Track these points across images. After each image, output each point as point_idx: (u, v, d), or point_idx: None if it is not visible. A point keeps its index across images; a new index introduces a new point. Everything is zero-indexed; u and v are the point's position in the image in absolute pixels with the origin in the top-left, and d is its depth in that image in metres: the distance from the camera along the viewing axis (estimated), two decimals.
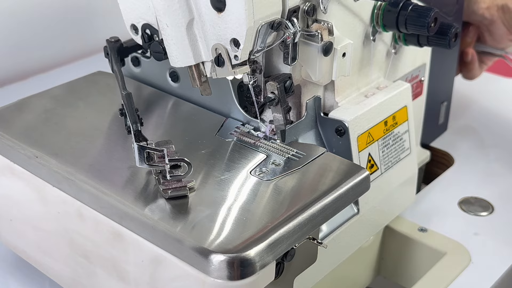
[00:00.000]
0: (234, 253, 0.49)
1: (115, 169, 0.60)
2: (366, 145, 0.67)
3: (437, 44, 0.71)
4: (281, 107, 0.61)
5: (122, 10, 0.64)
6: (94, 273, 0.62)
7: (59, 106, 0.70)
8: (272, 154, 0.62)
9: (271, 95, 0.61)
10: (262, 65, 0.63)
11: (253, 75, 0.60)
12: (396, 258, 0.79)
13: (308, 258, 0.60)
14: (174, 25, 0.58)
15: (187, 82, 0.67)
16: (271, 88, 0.61)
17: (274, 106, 0.61)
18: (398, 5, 0.67)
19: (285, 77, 0.62)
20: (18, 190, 0.66)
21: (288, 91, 0.61)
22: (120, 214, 0.56)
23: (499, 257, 0.73)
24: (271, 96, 0.61)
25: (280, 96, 0.61)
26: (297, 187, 0.58)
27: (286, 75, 0.62)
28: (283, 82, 0.61)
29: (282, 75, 0.62)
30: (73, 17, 1.15)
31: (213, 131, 0.66)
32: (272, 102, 0.61)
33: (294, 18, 0.59)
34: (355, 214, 0.67)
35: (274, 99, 0.61)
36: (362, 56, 0.69)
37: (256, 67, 0.59)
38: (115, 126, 0.66)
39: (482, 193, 0.83)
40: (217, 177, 0.59)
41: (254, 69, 0.59)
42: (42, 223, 0.65)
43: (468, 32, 0.92)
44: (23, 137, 0.65)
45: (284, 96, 0.61)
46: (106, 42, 0.71)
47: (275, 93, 0.61)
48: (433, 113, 0.90)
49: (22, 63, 1.11)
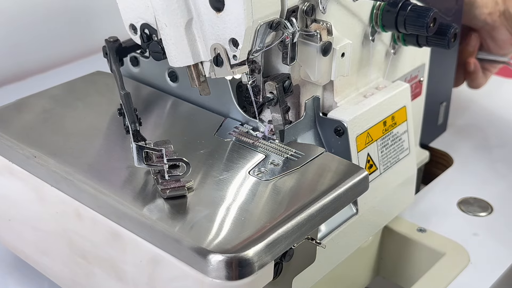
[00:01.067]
0: (232, 253, 0.49)
1: (113, 169, 0.60)
2: (365, 145, 0.67)
3: (436, 44, 0.71)
4: (280, 107, 0.61)
5: (121, 9, 0.64)
6: (93, 273, 0.62)
7: (58, 106, 0.70)
8: (271, 154, 0.62)
9: (270, 95, 0.61)
10: (261, 65, 0.63)
11: (252, 75, 0.60)
12: (395, 259, 0.79)
13: (307, 258, 0.60)
14: (172, 25, 0.58)
15: (186, 82, 0.67)
16: (269, 88, 0.61)
17: (273, 106, 0.61)
18: (397, 5, 0.67)
19: (284, 77, 0.62)
20: (16, 190, 0.66)
21: (287, 91, 0.61)
22: (118, 214, 0.56)
23: (498, 258, 0.73)
24: (270, 96, 0.61)
25: (279, 96, 0.61)
26: (296, 187, 0.58)
27: (285, 75, 0.62)
28: (282, 82, 0.61)
29: (281, 75, 0.62)
30: (72, 17, 1.15)
31: (211, 131, 0.65)
32: (271, 102, 0.61)
33: (293, 18, 0.59)
34: (354, 214, 0.67)
35: (273, 99, 0.61)
36: (361, 56, 0.69)
37: (255, 67, 0.59)
38: (114, 126, 0.66)
39: (481, 193, 0.83)
40: (216, 177, 0.59)
41: (253, 69, 0.59)
42: (40, 223, 0.65)
43: (470, 41, 0.91)
44: (21, 137, 0.65)
45: (283, 96, 0.61)
46: (105, 42, 0.70)
47: (274, 93, 0.61)
48: (432, 113, 0.90)
49: (20, 63, 1.11)
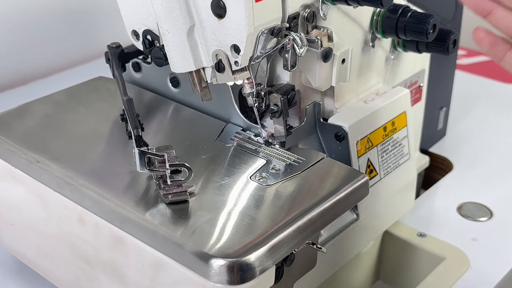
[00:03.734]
0: (234, 257, 0.50)
1: (116, 174, 0.60)
2: (365, 151, 0.67)
3: (436, 50, 0.71)
4: (283, 119, 0.61)
5: (123, 16, 0.64)
6: (95, 278, 0.62)
7: (61, 111, 0.71)
8: (272, 159, 0.62)
9: (274, 107, 0.61)
10: (266, 74, 0.63)
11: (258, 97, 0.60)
12: (395, 263, 0.79)
13: (308, 263, 0.60)
14: (175, 31, 0.59)
15: (187, 88, 0.68)
16: (274, 100, 0.61)
17: (276, 118, 0.61)
18: (397, 11, 0.67)
19: (288, 88, 0.62)
20: (19, 195, 0.66)
21: (291, 102, 0.62)
22: (121, 219, 0.56)
23: (498, 262, 0.73)
24: (274, 108, 0.61)
25: (283, 108, 0.61)
26: (297, 192, 0.58)
27: (289, 87, 0.62)
28: (286, 94, 0.61)
29: (285, 86, 0.62)
30: (74, 22, 1.15)
31: (213, 136, 0.66)
32: (274, 114, 0.61)
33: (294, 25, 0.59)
34: (354, 219, 0.67)
35: (277, 111, 0.61)
36: (362, 62, 0.70)
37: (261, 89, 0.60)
38: (116, 131, 0.67)
39: (481, 198, 0.83)
40: (217, 182, 0.59)
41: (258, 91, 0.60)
42: (43, 227, 0.65)
43: None
44: (24, 142, 0.65)
45: (287, 109, 0.61)
46: (108, 48, 0.71)
47: (278, 105, 0.61)
48: (432, 118, 0.91)
49: (23, 68, 1.11)
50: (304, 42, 0.58)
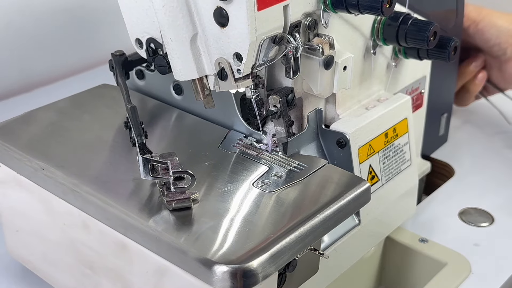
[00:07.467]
0: (237, 264, 0.50)
1: (120, 181, 0.61)
2: (367, 157, 0.68)
3: (437, 57, 0.72)
4: (283, 120, 0.62)
5: (127, 24, 0.65)
6: (99, 284, 0.62)
7: (65, 118, 0.71)
8: (274, 166, 0.63)
9: (273, 108, 0.62)
10: (265, 79, 0.64)
11: (256, 89, 0.61)
12: (397, 269, 0.79)
13: (310, 269, 0.60)
14: (178, 39, 0.59)
15: (190, 95, 0.68)
16: (273, 101, 0.62)
17: (276, 119, 0.62)
18: (398, 19, 0.68)
19: (287, 90, 0.62)
20: (24, 202, 0.67)
21: (290, 104, 0.62)
22: (125, 226, 0.56)
23: (500, 268, 0.73)
24: (273, 110, 0.62)
25: (282, 109, 0.61)
26: (299, 198, 0.58)
27: (288, 89, 0.63)
28: (285, 96, 0.62)
29: (284, 89, 0.63)
30: (78, 29, 1.16)
31: (216, 143, 0.66)
32: (274, 115, 0.62)
33: (295, 33, 0.60)
34: (356, 225, 0.67)
35: (276, 112, 0.62)
36: (363, 69, 0.70)
37: (259, 82, 0.60)
38: (120, 138, 0.67)
39: (482, 204, 0.84)
40: (220, 188, 0.59)
41: (257, 83, 0.60)
42: (48, 234, 0.66)
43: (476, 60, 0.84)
44: (29, 149, 0.65)
45: (286, 110, 0.62)
46: (111, 56, 0.71)
47: (277, 107, 0.62)
48: (433, 124, 0.91)
49: (27, 75, 1.12)
50: (299, 42, 0.59)
